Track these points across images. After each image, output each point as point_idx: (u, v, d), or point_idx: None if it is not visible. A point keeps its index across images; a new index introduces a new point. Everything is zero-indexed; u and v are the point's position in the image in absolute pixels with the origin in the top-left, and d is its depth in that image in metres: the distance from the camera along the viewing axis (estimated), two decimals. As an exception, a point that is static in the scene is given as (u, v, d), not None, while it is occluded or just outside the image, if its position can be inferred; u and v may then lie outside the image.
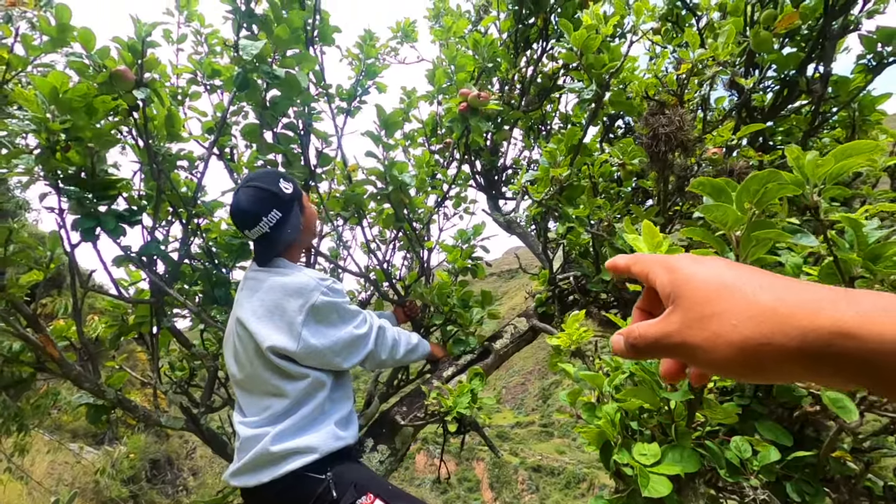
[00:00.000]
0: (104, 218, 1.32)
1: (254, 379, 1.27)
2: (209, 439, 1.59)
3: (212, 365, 1.61)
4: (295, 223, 1.33)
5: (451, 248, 2.02)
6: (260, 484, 1.22)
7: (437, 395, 1.43)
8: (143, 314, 1.66)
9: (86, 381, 1.39)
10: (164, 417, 1.53)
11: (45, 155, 1.25)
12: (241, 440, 1.25)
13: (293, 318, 1.23)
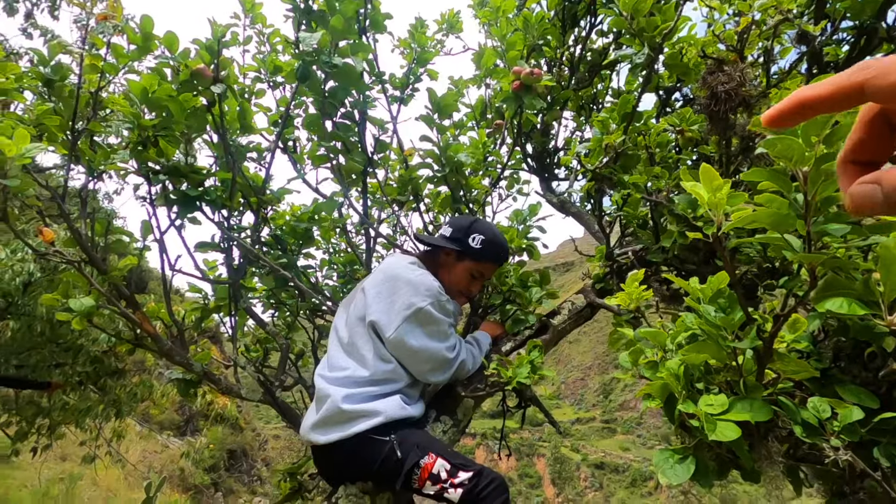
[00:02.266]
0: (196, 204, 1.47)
1: (350, 342, 1.38)
2: (284, 411, 1.71)
3: (284, 343, 1.73)
4: (445, 257, 1.55)
5: (506, 229, 2.03)
6: (330, 442, 1.31)
7: (496, 366, 1.45)
8: (222, 297, 1.81)
9: (177, 355, 1.54)
10: (244, 390, 1.66)
11: (138, 149, 1.41)
12: (318, 391, 1.36)
13: (399, 309, 1.34)
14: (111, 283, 1.49)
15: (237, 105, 1.60)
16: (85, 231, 1.47)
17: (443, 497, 1.26)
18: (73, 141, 1.48)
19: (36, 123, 1.44)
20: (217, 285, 1.85)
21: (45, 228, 1.40)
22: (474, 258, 1.53)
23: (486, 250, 1.52)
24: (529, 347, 1.50)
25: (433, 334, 1.38)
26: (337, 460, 1.35)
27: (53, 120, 1.48)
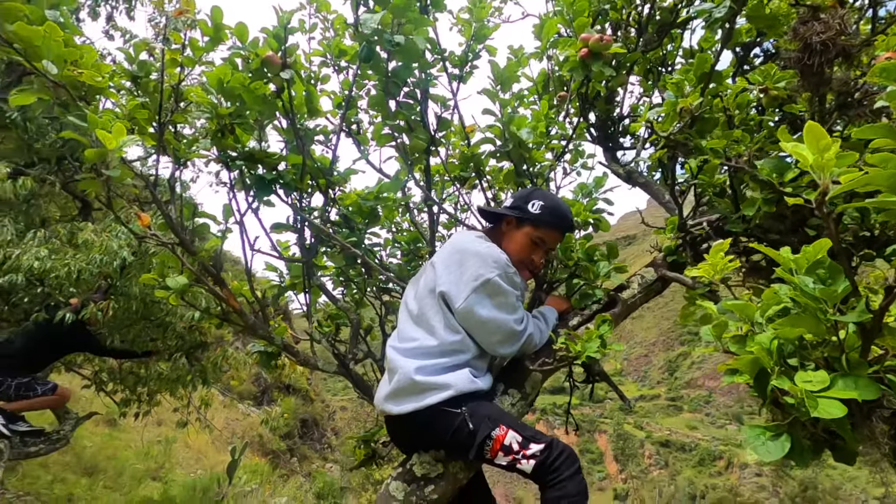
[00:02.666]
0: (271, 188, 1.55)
1: (420, 313, 1.43)
2: (357, 382, 1.80)
3: (354, 318, 1.81)
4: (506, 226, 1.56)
5: (571, 202, 1.99)
6: (404, 413, 1.36)
7: (565, 341, 1.44)
8: (296, 275, 1.91)
9: (260, 328, 1.66)
10: (320, 362, 1.76)
11: (217, 137, 1.50)
12: (389, 361, 1.42)
13: (468, 280, 1.36)
14: (200, 263, 1.62)
15: (303, 90, 1.65)
16: (175, 216, 1.59)
17: (515, 468, 1.29)
18: (159, 132, 1.59)
19: (129, 118, 1.57)
20: (291, 264, 1.96)
21: (143, 214, 1.53)
22: (534, 224, 1.51)
23: (544, 216, 1.50)
24: (598, 322, 1.47)
25: (501, 306, 1.38)
26: (410, 430, 1.41)
27: (142, 114, 1.59)
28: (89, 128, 1.36)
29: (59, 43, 1.40)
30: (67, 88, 1.43)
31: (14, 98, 1.49)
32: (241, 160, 1.55)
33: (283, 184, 1.60)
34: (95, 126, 1.34)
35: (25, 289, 3.28)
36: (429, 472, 1.41)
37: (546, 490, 1.27)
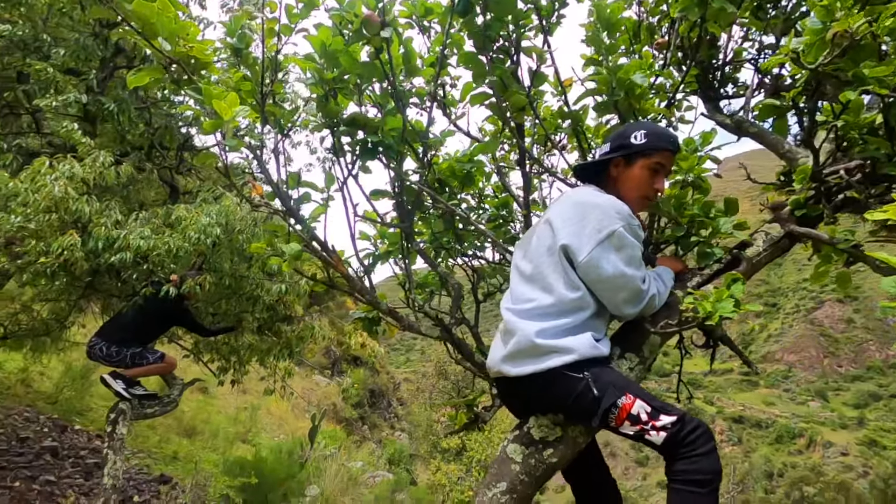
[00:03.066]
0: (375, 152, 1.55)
1: (536, 273, 1.38)
2: (459, 346, 1.79)
3: (455, 284, 1.79)
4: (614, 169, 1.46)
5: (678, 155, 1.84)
6: (522, 375, 1.33)
7: (692, 301, 1.34)
8: (393, 242, 1.91)
9: (367, 294, 1.68)
10: (423, 327, 1.77)
11: (323, 102, 1.50)
12: (505, 323, 1.39)
13: (591, 233, 1.30)
14: (307, 230, 1.66)
15: (399, 49, 1.61)
16: (281, 184, 1.63)
17: (643, 438, 1.24)
18: (262, 103, 1.62)
19: (234, 90, 1.60)
20: (386, 232, 1.96)
21: (257, 183, 1.58)
22: (646, 153, 1.42)
23: (652, 141, 1.42)
24: (727, 280, 1.36)
25: (627, 259, 1.31)
26: (527, 392, 1.38)
27: (246, 86, 1.62)
28: (205, 100, 1.39)
29: (171, 19, 1.43)
30: (181, 63, 1.47)
31: (132, 79, 1.56)
32: (345, 125, 1.55)
33: (385, 147, 1.59)
34: (211, 98, 1.37)
35: (133, 266, 3.56)
36: (547, 436, 1.38)
37: (676, 461, 1.21)
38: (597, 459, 1.55)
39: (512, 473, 1.38)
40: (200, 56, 1.52)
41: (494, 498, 1.37)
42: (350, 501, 7.10)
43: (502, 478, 1.39)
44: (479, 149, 1.86)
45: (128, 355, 3.71)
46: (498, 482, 1.39)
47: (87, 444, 6.48)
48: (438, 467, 14.21)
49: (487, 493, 1.39)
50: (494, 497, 1.37)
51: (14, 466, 5.10)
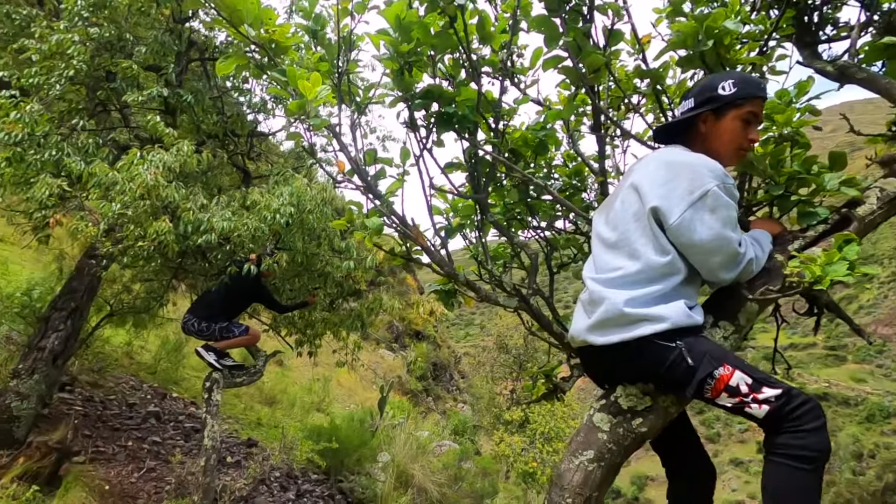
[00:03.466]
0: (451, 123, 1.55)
1: (621, 240, 1.35)
2: (537, 316, 1.79)
3: (532, 254, 1.78)
4: (696, 120, 1.38)
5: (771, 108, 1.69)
6: (608, 344, 1.31)
7: (798, 265, 1.25)
8: (466, 214, 1.92)
9: (445, 265, 1.71)
10: (501, 298, 1.78)
11: (398, 76, 1.51)
12: (590, 293, 1.36)
13: (683, 193, 1.24)
14: (386, 204, 1.70)
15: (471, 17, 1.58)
16: (359, 161, 1.67)
17: (742, 411, 1.19)
18: (338, 82, 1.65)
19: (313, 70, 1.64)
20: (458, 206, 1.97)
21: (340, 160, 1.63)
22: (736, 103, 1.34)
23: (743, 88, 1.33)
24: (839, 241, 1.25)
25: (722, 221, 1.24)
26: (614, 361, 1.35)
27: (324, 66, 1.66)
28: (289, 81, 1.45)
29: (255, 5, 1.48)
30: (265, 47, 1.52)
31: (220, 67, 1.64)
32: (420, 98, 1.56)
33: (460, 118, 1.58)
34: (295, 78, 1.42)
35: (217, 247, 3.82)
36: (636, 405, 1.36)
37: (779, 435, 1.15)
38: (688, 430, 1.51)
39: (599, 442, 1.37)
40: (281, 40, 1.57)
41: (581, 465, 1.38)
42: (419, 468, 7.40)
43: (589, 446, 1.39)
44: (553, 116, 1.81)
45: (216, 329, 4.03)
46: (585, 450, 1.39)
47: (183, 409, 7.16)
48: (502, 438, 14.46)
49: (574, 461, 1.40)
50: (581, 464, 1.38)
51: (126, 428, 5.75)
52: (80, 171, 3.63)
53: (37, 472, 3.73)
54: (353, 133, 1.67)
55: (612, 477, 1.40)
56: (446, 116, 1.56)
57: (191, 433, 6.37)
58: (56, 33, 4.09)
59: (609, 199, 1.50)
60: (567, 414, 15.65)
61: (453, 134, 1.68)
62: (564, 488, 1.39)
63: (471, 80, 1.63)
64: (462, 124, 1.61)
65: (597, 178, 1.91)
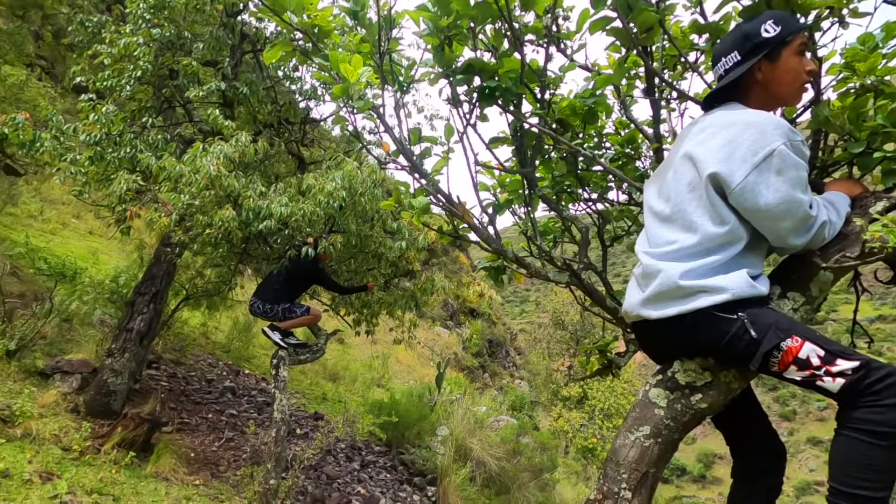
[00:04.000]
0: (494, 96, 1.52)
1: (675, 213, 1.28)
2: (590, 292, 1.75)
3: (583, 227, 1.73)
4: (759, 74, 1.27)
5: (852, 55, 1.52)
6: (663, 317, 1.25)
7: (881, 228, 1.14)
8: (514, 189, 1.89)
9: (493, 241, 1.70)
10: (551, 273, 1.75)
11: (439, 51, 1.49)
12: (643, 268, 1.31)
13: (745, 155, 1.15)
14: (432, 183, 1.71)
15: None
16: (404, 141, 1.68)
17: (814, 385, 1.11)
18: (380, 62, 1.65)
19: (356, 52, 1.65)
20: (505, 181, 1.94)
21: (385, 141, 1.65)
22: (785, 41, 1.24)
23: (786, 23, 1.24)
24: (931, 202, 1.12)
25: (791, 183, 1.14)
26: (671, 335, 1.30)
27: (365, 47, 1.67)
28: (332, 65, 1.47)
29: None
30: (308, 33, 1.55)
31: (267, 56, 1.69)
32: (461, 73, 1.54)
33: (503, 91, 1.55)
34: (338, 62, 1.44)
35: (277, 232, 4.00)
36: (695, 381, 1.31)
37: (856, 409, 1.07)
38: (753, 406, 1.44)
39: (656, 418, 1.34)
40: (323, 24, 1.59)
41: (637, 441, 1.35)
42: (478, 442, 7.54)
43: (645, 422, 1.35)
44: (602, 81, 1.72)
45: (280, 310, 4.25)
46: (640, 426, 1.36)
47: (255, 385, 7.69)
48: (560, 414, 14.45)
49: (629, 437, 1.37)
50: (637, 440, 1.35)
51: (206, 402, 6.25)
52: (152, 166, 3.90)
53: (132, 440, 4.14)
54: (397, 113, 1.68)
55: (670, 454, 1.36)
56: (488, 90, 1.53)
57: (263, 407, 6.83)
58: (123, 37, 4.36)
59: (661, 169, 1.42)
60: (627, 390, 15.37)
61: (497, 108, 1.65)
62: (620, 464, 1.37)
63: (513, 49, 1.58)
64: (506, 97, 1.57)
65: (651, 145, 1.81)
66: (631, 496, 1.35)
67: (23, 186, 9.78)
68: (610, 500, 1.38)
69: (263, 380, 8.08)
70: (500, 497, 7.34)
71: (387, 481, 6.11)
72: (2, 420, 3.50)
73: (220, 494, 4.11)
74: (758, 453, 1.41)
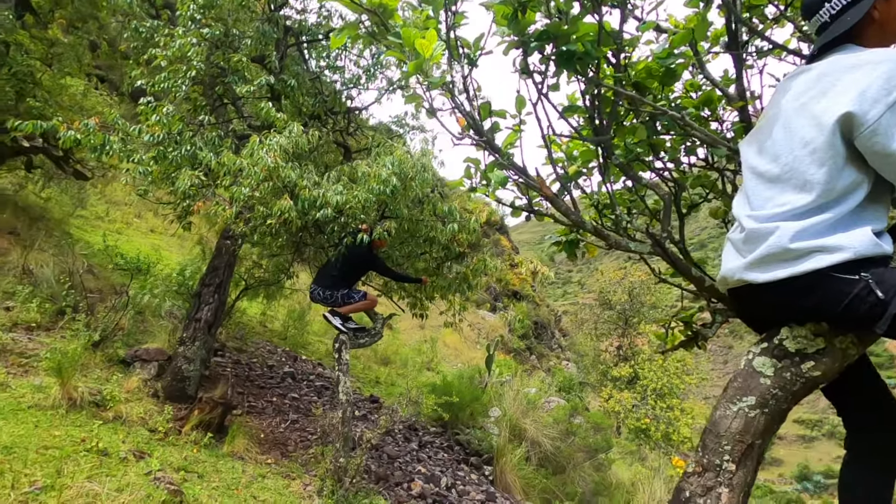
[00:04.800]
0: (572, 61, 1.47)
1: (787, 172, 1.20)
2: (673, 260, 1.68)
3: (666, 195, 1.66)
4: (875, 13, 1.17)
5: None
6: (772, 281, 1.19)
7: None
8: (586, 159, 1.84)
9: (570, 212, 1.66)
10: (633, 244, 1.69)
11: (512, 19, 1.45)
12: (747, 232, 1.24)
13: (878, 95, 1.05)
14: (506, 157, 1.68)
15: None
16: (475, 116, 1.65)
17: None
18: (447, 37, 1.63)
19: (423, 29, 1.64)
20: (576, 151, 1.89)
21: (460, 116, 1.64)
22: None
23: None
24: None
25: None
26: (778, 300, 1.23)
27: (432, 23, 1.64)
28: (405, 43, 1.45)
29: (363, -30, 1.50)
30: (376, 13, 1.54)
31: (335, 40, 1.70)
32: (536, 40, 1.49)
33: (581, 55, 1.49)
34: (411, 38, 1.42)
35: (333, 220, 4.08)
36: (805, 348, 1.24)
37: None
38: (870, 373, 1.35)
39: (762, 387, 1.28)
40: (389, 2, 1.57)
41: (741, 412, 1.30)
42: (531, 423, 7.55)
43: (749, 392, 1.30)
44: (679, 39, 1.63)
45: (339, 296, 4.36)
46: (744, 396, 1.31)
47: (312, 370, 7.97)
48: (611, 395, 14.24)
49: (731, 407, 1.32)
50: (741, 411, 1.30)
51: (269, 386, 6.54)
52: (211, 162, 4.04)
53: (208, 422, 4.39)
54: (465, 88, 1.65)
55: (778, 424, 1.30)
56: (567, 55, 1.47)
57: (321, 390, 7.08)
58: (177, 39, 4.51)
59: (763, 126, 1.32)
60: (680, 369, 14.94)
61: (569, 76, 1.59)
62: (721, 435, 1.32)
63: (586, 12, 1.52)
64: (584, 61, 1.51)
65: (734, 104, 1.71)
66: (735, 468, 1.31)
67: (90, 190, 10.43)
68: (711, 472, 1.34)
69: (320, 364, 8.37)
70: (556, 476, 7.34)
71: (444, 461, 6.22)
72: (95, 404, 3.78)
73: (291, 472, 4.30)
74: (874, 427, 1.32)
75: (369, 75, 5.85)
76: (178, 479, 3.28)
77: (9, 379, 3.68)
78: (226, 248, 5.31)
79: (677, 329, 1.84)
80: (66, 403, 3.57)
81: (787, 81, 1.30)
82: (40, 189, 9.12)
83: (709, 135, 1.58)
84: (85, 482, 2.76)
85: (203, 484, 3.41)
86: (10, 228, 7.18)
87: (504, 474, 6.32)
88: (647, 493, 7.43)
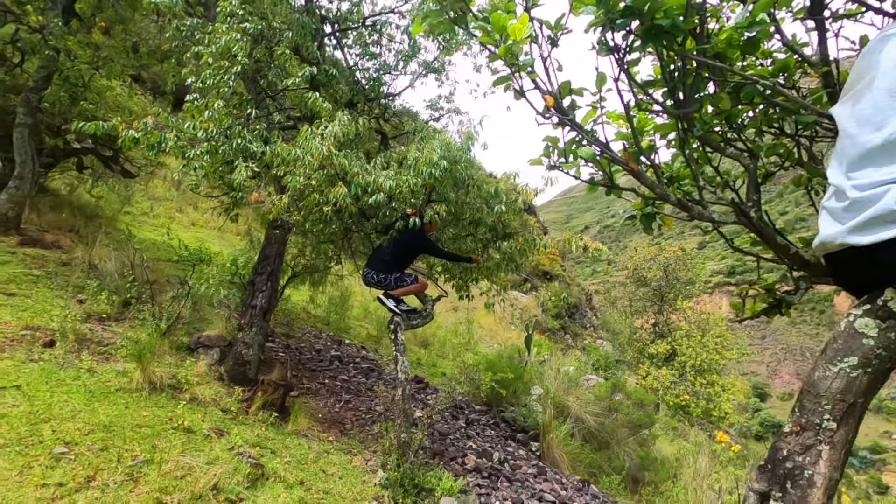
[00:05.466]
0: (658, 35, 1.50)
1: (891, 140, 1.20)
2: (759, 229, 1.70)
3: (751, 165, 1.67)
4: None
5: None
6: (878, 242, 1.20)
7: None
8: (665, 132, 1.86)
9: (656, 187, 1.70)
10: (715, 214, 1.72)
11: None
12: (849, 200, 1.25)
13: None
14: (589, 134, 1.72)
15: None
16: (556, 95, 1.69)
17: None
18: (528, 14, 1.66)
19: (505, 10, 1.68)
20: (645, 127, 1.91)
21: (548, 97, 1.68)
22: None
23: None
24: None
25: None
26: (885, 262, 1.25)
27: (511, 6, 1.68)
28: (493, 27, 1.50)
29: (450, -43, 1.54)
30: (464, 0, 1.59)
31: (416, 28, 1.75)
32: (622, 16, 1.52)
33: (669, 27, 1.50)
34: (501, 23, 1.47)
35: (384, 205, 4.18)
36: (911, 307, 1.26)
37: None
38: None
39: (865, 348, 1.31)
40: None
41: (843, 372, 1.33)
42: (574, 400, 7.63)
43: (851, 353, 1.33)
44: (761, 6, 1.62)
45: (392, 279, 4.48)
46: (845, 357, 1.34)
47: (357, 353, 8.21)
48: (648, 372, 14.17)
49: (831, 368, 1.36)
50: (842, 371, 1.33)
51: (320, 369, 6.79)
52: (266, 153, 4.18)
53: (271, 403, 4.62)
54: (546, 67, 1.69)
55: (881, 383, 1.33)
56: (655, 30, 1.49)
57: (368, 372, 7.31)
58: (221, 35, 4.63)
59: (857, 91, 1.31)
60: (719, 345, 14.72)
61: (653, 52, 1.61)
62: (821, 395, 1.36)
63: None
64: (671, 35, 1.52)
65: (817, 71, 1.70)
66: (836, 426, 1.35)
67: (135, 187, 10.86)
68: (810, 431, 1.39)
69: (363, 348, 8.60)
70: (601, 452, 7.44)
71: (492, 437, 6.38)
72: (172, 387, 4.03)
73: (352, 449, 4.50)
74: None
75: (407, 60, 5.88)
76: (255, 453, 3.49)
77: (94, 365, 3.96)
78: (275, 237, 5.49)
79: (759, 298, 1.86)
80: (148, 387, 3.82)
81: (878, 43, 1.27)
82: (90, 188, 9.55)
83: (799, 101, 1.58)
84: (179, 456, 2.98)
85: (277, 459, 3.62)
86: (70, 227, 7.58)
87: (551, 449, 6.44)
88: (693, 469, 7.46)
